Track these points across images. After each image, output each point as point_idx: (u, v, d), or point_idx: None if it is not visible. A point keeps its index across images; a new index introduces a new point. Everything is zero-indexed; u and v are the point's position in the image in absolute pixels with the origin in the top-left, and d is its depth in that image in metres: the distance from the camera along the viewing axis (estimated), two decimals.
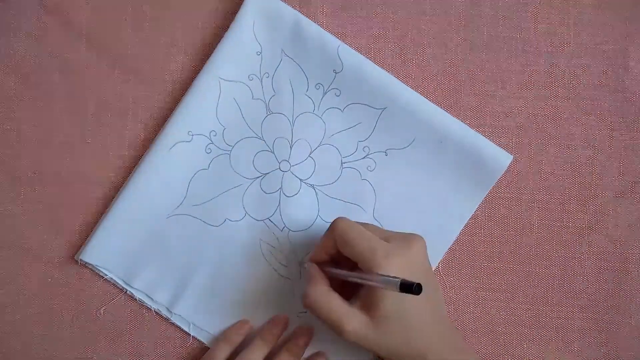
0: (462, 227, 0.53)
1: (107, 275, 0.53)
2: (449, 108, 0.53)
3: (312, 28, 0.52)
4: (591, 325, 0.53)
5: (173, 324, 0.53)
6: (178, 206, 0.53)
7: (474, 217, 0.53)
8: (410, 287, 0.40)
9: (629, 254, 0.54)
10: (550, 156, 0.54)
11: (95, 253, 0.52)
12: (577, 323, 0.53)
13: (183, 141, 0.52)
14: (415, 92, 0.53)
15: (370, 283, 0.44)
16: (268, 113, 0.53)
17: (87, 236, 0.53)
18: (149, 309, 0.53)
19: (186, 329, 0.53)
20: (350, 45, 0.53)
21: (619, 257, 0.54)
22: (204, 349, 0.53)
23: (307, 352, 0.52)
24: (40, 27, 0.54)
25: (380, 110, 0.53)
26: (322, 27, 0.53)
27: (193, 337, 0.53)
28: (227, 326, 0.53)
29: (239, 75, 0.53)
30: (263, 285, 0.53)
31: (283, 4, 0.52)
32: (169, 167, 0.52)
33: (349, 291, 0.48)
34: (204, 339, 0.53)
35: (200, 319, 0.53)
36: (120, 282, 0.53)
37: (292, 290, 0.53)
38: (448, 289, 0.54)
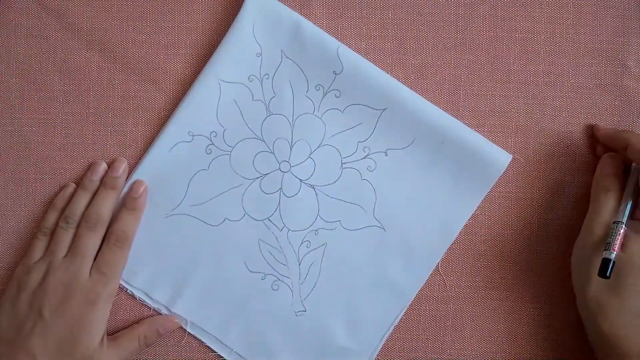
0: (462, 227, 0.53)
1: None
2: (448, 108, 0.53)
3: (311, 29, 0.52)
4: None
5: None
6: (177, 206, 0.53)
7: (474, 217, 0.54)
8: None
9: None
10: (550, 156, 0.54)
11: None
12: (577, 322, 0.53)
13: (183, 142, 0.52)
14: (415, 93, 0.53)
15: None
16: (268, 114, 0.53)
17: None
18: (148, 307, 0.54)
19: (183, 326, 0.53)
20: (349, 47, 0.53)
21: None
22: (200, 346, 0.54)
23: (297, 357, 0.53)
24: (40, 27, 0.54)
25: (380, 111, 0.53)
26: (322, 28, 0.53)
27: (188, 333, 0.53)
28: (226, 325, 0.53)
29: (239, 76, 0.53)
30: (262, 285, 0.53)
31: (283, 6, 0.52)
32: (169, 167, 0.53)
33: None
34: (201, 336, 0.53)
35: (199, 318, 0.53)
36: (120, 281, 0.53)
37: (290, 289, 0.53)
38: (448, 288, 0.54)
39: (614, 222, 0.48)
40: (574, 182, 0.54)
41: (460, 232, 0.54)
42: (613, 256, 0.46)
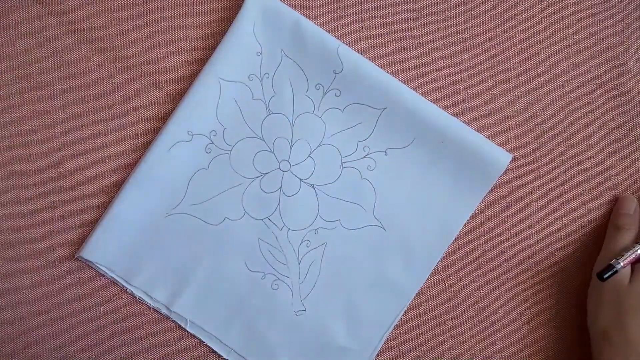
0: (461, 226, 0.53)
1: (107, 273, 0.53)
2: (448, 108, 0.53)
3: (312, 29, 0.52)
4: None
5: (173, 321, 0.53)
6: (177, 205, 0.53)
7: (473, 217, 0.54)
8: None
9: None
10: (549, 155, 0.54)
11: (95, 251, 0.52)
12: (577, 322, 0.53)
13: (183, 141, 0.52)
14: (415, 92, 0.53)
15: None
16: (268, 113, 0.53)
17: (87, 235, 0.53)
18: (148, 307, 0.54)
19: (183, 326, 0.53)
20: (350, 46, 0.53)
21: None
22: (199, 345, 0.54)
23: (297, 357, 0.53)
24: (40, 27, 0.54)
25: (380, 110, 0.53)
26: (322, 27, 0.53)
27: (188, 333, 0.53)
28: (226, 324, 0.53)
29: (239, 75, 0.53)
30: (262, 284, 0.53)
31: (283, 5, 0.52)
32: (169, 166, 0.52)
33: None
34: (201, 335, 0.53)
35: (199, 317, 0.53)
36: (120, 280, 0.53)
37: (290, 288, 0.53)
38: (448, 287, 0.54)
39: (636, 243, 0.50)
40: (574, 182, 0.54)
41: (460, 232, 0.54)
42: (618, 266, 0.49)
